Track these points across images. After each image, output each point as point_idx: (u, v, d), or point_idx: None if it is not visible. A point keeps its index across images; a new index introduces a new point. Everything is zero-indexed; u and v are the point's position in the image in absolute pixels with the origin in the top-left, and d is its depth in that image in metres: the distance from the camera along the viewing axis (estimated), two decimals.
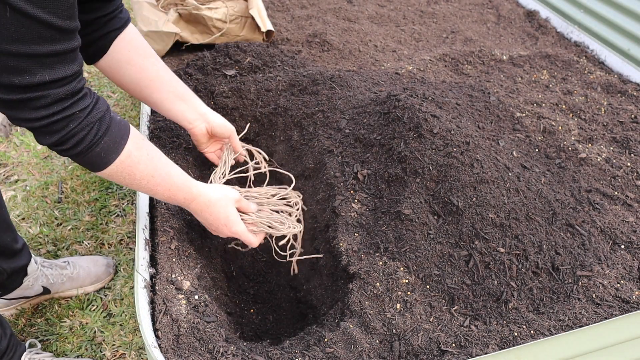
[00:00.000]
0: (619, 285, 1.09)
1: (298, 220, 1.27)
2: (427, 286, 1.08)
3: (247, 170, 1.37)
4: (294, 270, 1.28)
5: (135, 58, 1.15)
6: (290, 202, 1.29)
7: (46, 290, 1.51)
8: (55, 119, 0.80)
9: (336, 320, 1.04)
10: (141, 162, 0.95)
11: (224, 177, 1.30)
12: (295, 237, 1.28)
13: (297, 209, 1.28)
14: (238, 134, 1.35)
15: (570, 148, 1.43)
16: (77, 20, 0.77)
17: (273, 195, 1.28)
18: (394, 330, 0.99)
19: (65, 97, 0.80)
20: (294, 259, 1.27)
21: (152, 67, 1.17)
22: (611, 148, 1.49)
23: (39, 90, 0.76)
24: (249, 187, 1.35)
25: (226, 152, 1.34)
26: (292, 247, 1.27)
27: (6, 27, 0.68)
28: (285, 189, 1.29)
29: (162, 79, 1.19)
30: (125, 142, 0.92)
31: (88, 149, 0.86)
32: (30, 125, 0.81)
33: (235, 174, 1.33)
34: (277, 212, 1.27)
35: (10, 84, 0.73)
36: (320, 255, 1.25)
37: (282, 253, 1.26)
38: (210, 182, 1.28)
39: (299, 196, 1.30)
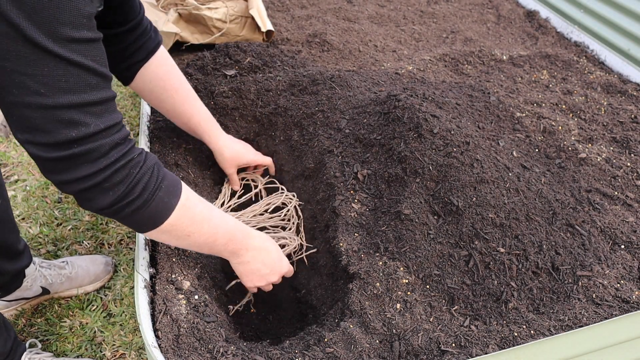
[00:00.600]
0: (619, 285, 1.09)
1: (297, 229, 1.34)
2: (427, 286, 1.08)
3: (249, 198, 1.45)
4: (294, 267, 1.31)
5: (155, 90, 1.18)
6: (284, 209, 1.36)
7: (45, 291, 1.51)
8: (118, 166, 0.77)
9: (336, 320, 1.04)
10: (198, 204, 0.92)
11: (222, 207, 1.38)
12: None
13: (293, 220, 1.33)
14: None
15: (570, 148, 1.43)
16: (109, 70, 0.77)
17: (266, 210, 1.37)
18: (394, 330, 0.99)
19: (121, 142, 0.78)
20: (300, 256, 1.30)
21: (168, 101, 1.20)
22: (611, 148, 1.49)
23: (96, 140, 0.74)
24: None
25: (226, 185, 1.44)
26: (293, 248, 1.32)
27: (57, 79, 0.68)
28: (280, 193, 1.38)
29: (177, 113, 1.24)
30: (181, 185, 0.89)
31: (153, 194, 0.82)
32: (92, 183, 0.76)
33: (235, 203, 1.41)
34: (275, 226, 1.36)
35: (67, 139, 0.72)
36: (314, 250, 1.27)
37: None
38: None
39: (293, 196, 1.37)
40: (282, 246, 1.29)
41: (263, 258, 1.08)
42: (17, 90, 0.68)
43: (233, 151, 1.34)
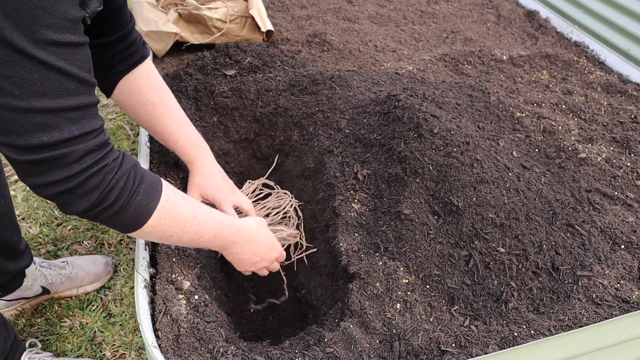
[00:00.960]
0: (619, 285, 1.09)
1: (297, 227, 1.34)
2: (427, 286, 1.08)
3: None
4: (294, 267, 1.31)
5: (133, 105, 1.15)
6: (286, 211, 1.36)
7: (45, 291, 1.51)
8: (91, 172, 0.75)
9: (336, 320, 1.04)
10: (180, 203, 0.91)
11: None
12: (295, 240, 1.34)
13: (292, 218, 1.35)
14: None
15: (570, 148, 1.43)
16: (93, 76, 0.76)
17: (268, 215, 1.36)
18: (394, 330, 0.99)
19: (95, 148, 0.76)
20: (297, 256, 1.31)
21: (145, 117, 1.17)
22: (611, 148, 1.49)
23: (69, 145, 0.73)
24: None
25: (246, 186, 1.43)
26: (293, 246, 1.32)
27: (32, 82, 0.67)
28: (282, 195, 1.38)
29: (154, 130, 1.19)
30: (161, 186, 0.87)
31: (130, 199, 0.81)
32: (65, 187, 0.74)
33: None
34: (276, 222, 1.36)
35: (39, 143, 0.70)
36: (314, 249, 1.27)
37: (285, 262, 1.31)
38: None
39: (292, 198, 1.37)
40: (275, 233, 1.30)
41: (251, 248, 1.08)
42: None
43: (200, 179, 1.23)
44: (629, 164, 1.42)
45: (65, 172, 0.74)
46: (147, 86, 1.14)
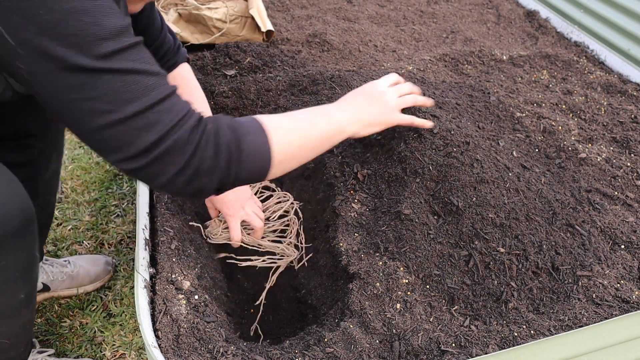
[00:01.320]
0: (619, 285, 1.09)
1: (297, 232, 1.34)
2: (427, 286, 1.08)
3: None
4: (304, 263, 1.31)
5: None
6: (283, 211, 1.35)
7: (45, 287, 1.51)
8: (203, 144, 0.77)
9: (336, 320, 1.04)
10: (278, 118, 0.90)
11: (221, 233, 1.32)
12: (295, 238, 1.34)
13: (294, 223, 1.34)
14: None
15: (570, 148, 1.43)
16: (159, 67, 0.78)
17: (268, 218, 1.34)
18: (394, 330, 0.99)
19: (196, 124, 0.78)
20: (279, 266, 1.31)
21: None
22: (611, 148, 1.49)
23: (174, 133, 0.75)
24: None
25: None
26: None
27: (119, 92, 0.69)
28: (284, 199, 1.37)
29: None
30: (254, 119, 0.87)
31: (247, 142, 0.81)
32: (191, 172, 0.76)
33: None
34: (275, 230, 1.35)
35: (148, 143, 0.72)
36: (310, 255, 1.26)
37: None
38: (207, 236, 1.31)
39: (294, 203, 1.37)
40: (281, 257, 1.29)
41: (368, 89, 1.07)
42: (90, 117, 0.69)
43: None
44: (629, 164, 1.42)
45: (183, 158, 0.75)
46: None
